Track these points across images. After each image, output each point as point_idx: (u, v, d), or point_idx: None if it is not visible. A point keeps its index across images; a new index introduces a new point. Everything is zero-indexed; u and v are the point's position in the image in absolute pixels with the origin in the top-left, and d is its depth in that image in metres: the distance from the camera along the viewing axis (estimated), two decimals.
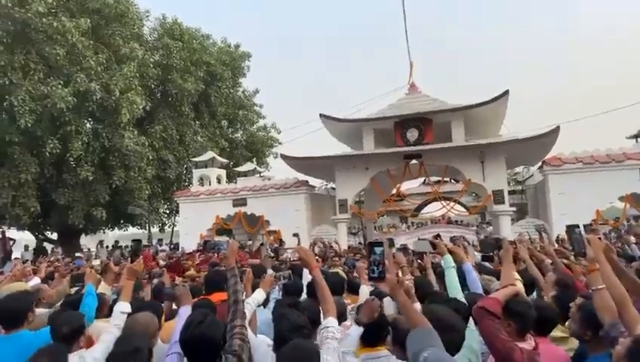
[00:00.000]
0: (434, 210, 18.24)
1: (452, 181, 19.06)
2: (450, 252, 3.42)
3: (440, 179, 14.74)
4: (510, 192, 17.55)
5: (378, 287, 2.84)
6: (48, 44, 14.00)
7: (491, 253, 4.52)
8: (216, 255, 7.36)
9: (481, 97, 12.02)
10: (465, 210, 19.87)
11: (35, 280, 4.60)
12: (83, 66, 14.43)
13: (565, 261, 4.29)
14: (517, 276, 3.22)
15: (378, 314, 2.60)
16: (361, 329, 2.62)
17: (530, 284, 3.56)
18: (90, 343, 2.66)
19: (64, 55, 14.18)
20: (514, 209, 12.97)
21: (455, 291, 3.04)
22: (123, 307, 2.70)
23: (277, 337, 2.17)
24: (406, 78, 14.38)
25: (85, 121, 16.02)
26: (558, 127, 11.03)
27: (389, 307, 3.18)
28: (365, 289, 2.89)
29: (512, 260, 4.80)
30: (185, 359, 2.22)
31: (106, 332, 2.56)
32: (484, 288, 3.34)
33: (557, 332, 2.70)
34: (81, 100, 14.40)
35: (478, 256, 5.48)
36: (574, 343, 2.50)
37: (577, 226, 2.57)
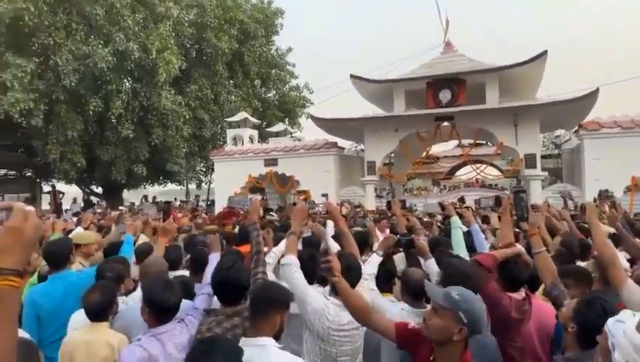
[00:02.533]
0: (467, 172, 18.09)
1: (488, 144, 18.71)
2: (460, 215, 3.65)
3: (472, 141, 14.53)
4: (546, 156, 17.12)
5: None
6: (89, 4, 14.42)
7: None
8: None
9: (521, 57, 11.59)
10: (500, 173, 19.58)
11: (79, 230, 5.10)
12: (121, 26, 14.84)
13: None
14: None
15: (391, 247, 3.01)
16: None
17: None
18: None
19: (104, 15, 14.62)
20: (545, 173, 12.74)
21: (459, 248, 3.27)
22: None
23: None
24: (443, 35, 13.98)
25: (125, 81, 16.60)
26: (597, 90, 10.58)
27: (400, 263, 3.48)
28: (376, 258, 3.18)
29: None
30: (214, 299, 2.57)
31: None
32: (494, 246, 3.55)
33: None
34: (121, 60, 14.91)
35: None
36: None
37: (524, 191, 2.77)
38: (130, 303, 2.81)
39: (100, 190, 20.27)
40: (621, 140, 10.96)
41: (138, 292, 2.90)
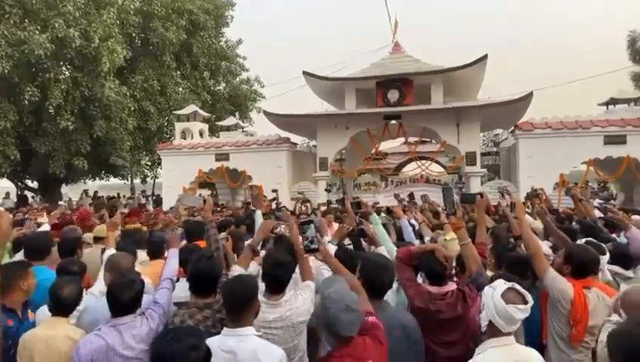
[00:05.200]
0: (413, 168, 18.82)
1: (432, 141, 19.54)
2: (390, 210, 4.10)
3: (418, 139, 15.16)
4: (486, 154, 18.18)
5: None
6: None
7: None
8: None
9: (464, 60, 12.25)
10: (443, 170, 20.57)
11: (45, 227, 4.95)
12: (60, 11, 13.99)
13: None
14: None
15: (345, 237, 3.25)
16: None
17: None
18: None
19: None
20: (484, 170, 13.58)
21: (384, 241, 3.56)
22: (110, 252, 3.30)
23: (263, 273, 2.61)
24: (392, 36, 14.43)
25: (64, 69, 15.69)
26: (531, 93, 11.45)
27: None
28: (330, 247, 3.34)
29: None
30: (172, 294, 2.64)
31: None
32: (434, 239, 3.86)
33: None
34: (60, 47, 14.06)
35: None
36: None
37: (451, 188, 3.12)
38: (98, 295, 2.85)
39: (35, 184, 19.06)
40: (551, 140, 11.91)
41: (99, 284, 2.95)
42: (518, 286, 1.94)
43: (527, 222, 2.93)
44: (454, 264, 3.21)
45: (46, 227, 4.24)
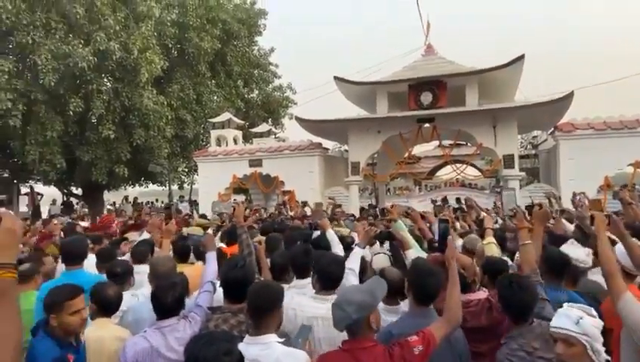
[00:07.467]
0: (448, 172, 18.48)
1: (468, 144, 19.14)
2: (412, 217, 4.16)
3: (453, 142, 14.86)
4: (524, 156, 17.61)
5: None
6: (68, 3, 14.18)
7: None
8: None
9: (498, 61, 11.94)
10: (480, 173, 20.08)
11: (145, 235, 4.99)
12: (102, 25, 14.60)
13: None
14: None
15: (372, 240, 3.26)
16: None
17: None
18: None
19: (84, 13, 14.38)
20: (523, 174, 13.14)
21: (413, 246, 3.51)
22: None
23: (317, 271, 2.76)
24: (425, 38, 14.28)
25: (106, 80, 16.36)
26: (572, 93, 11.00)
27: (380, 262, 3.67)
28: (358, 250, 3.31)
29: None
30: (214, 296, 2.69)
31: None
32: (467, 247, 3.67)
33: None
34: (101, 59, 14.69)
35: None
36: None
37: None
38: (141, 298, 2.93)
39: (79, 191, 19.93)
40: (594, 141, 11.39)
41: (147, 288, 3.03)
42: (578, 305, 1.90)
43: (607, 240, 2.50)
44: (480, 271, 3.07)
45: (146, 235, 4.47)
